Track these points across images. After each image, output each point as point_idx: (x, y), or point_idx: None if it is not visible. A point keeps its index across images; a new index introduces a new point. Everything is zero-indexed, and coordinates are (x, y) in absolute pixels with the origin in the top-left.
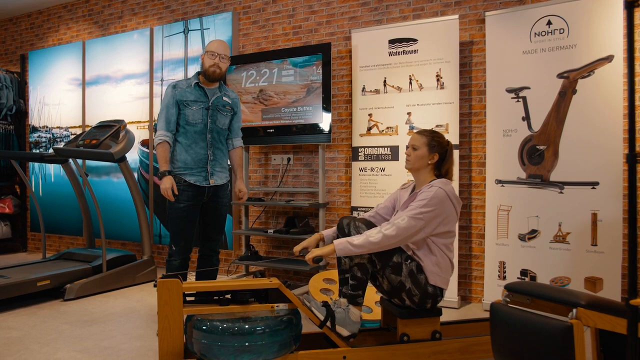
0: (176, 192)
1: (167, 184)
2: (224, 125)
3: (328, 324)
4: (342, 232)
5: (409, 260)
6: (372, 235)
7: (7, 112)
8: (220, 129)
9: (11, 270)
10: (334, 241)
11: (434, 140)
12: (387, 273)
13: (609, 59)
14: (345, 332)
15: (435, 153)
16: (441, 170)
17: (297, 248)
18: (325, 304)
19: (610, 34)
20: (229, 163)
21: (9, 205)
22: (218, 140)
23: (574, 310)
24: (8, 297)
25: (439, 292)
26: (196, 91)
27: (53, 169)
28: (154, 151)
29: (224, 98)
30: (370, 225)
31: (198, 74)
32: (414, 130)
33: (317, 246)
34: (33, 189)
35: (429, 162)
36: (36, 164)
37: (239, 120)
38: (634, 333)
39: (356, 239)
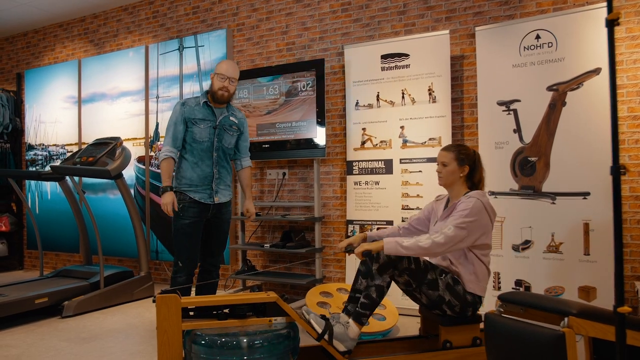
0: (176, 209)
1: (167, 199)
2: (230, 144)
3: (326, 337)
4: (370, 256)
5: (444, 274)
6: (422, 241)
7: (4, 130)
8: (226, 148)
9: (9, 288)
10: (384, 239)
11: (461, 153)
12: (425, 290)
13: (596, 71)
14: (341, 347)
15: (465, 165)
16: (473, 180)
17: (342, 244)
18: (324, 317)
19: (597, 47)
20: (231, 180)
21: (5, 223)
22: (223, 159)
23: (566, 319)
24: (6, 315)
25: (478, 300)
26: (204, 110)
27: (49, 187)
28: (150, 168)
29: (231, 118)
30: None
31: (207, 92)
32: (408, 144)
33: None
34: (30, 207)
35: (461, 175)
36: (32, 182)
37: (246, 140)
38: (623, 340)
39: (406, 241)
